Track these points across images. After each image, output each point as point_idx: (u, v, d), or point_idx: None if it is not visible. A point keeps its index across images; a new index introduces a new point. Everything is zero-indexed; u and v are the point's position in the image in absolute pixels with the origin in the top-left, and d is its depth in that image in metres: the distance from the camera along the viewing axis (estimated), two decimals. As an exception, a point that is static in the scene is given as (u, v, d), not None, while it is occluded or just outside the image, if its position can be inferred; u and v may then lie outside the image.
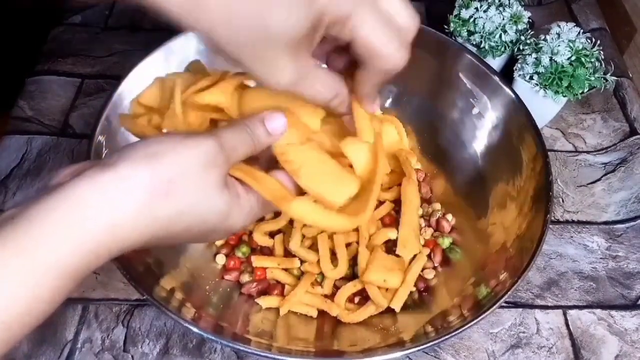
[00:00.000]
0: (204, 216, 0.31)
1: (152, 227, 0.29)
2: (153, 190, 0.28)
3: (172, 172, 0.29)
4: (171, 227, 0.30)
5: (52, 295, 0.26)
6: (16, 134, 0.65)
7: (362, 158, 0.39)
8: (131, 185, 0.28)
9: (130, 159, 0.28)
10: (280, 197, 0.35)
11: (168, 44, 0.55)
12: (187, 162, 0.29)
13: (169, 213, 0.29)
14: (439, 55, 0.59)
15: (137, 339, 0.51)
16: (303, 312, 0.50)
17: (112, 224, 0.27)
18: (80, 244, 0.26)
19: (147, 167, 0.28)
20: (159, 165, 0.29)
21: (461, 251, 0.55)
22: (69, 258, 0.26)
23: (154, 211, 0.28)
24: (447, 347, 0.52)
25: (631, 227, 0.61)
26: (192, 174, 0.29)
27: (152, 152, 0.29)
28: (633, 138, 0.69)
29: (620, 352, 0.52)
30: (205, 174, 0.30)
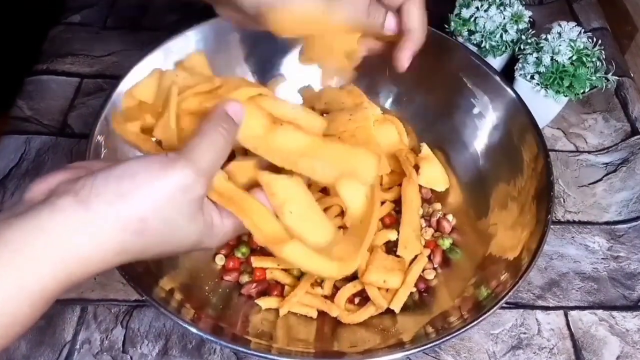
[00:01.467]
0: (174, 245, 0.31)
1: (121, 257, 0.30)
2: (124, 229, 0.28)
3: (143, 210, 0.29)
4: (141, 256, 0.31)
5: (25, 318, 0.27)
6: (15, 133, 0.65)
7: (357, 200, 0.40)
8: (103, 224, 0.28)
9: (100, 197, 0.28)
10: (273, 241, 0.34)
11: (167, 44, 0.54)
12: (158, 200, 0.29)
13: (139, 248, 0.30)
14: (440, 54, 0.59)
15: (136, 340, 0.50)
16: (303, 312, 0.50)
17: (82, 257, 0.28)
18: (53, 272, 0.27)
19: (118, 207, 0.28)
20: (130, 205, 0.29)
21: (461, 252, 0.54)
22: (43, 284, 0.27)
23: (125, 246, 0.29)
24: (447, 348, 0.52)
25: (633, 228, 0.61)
26: (164, 210, 0.29)
27: (124, 190, 0.29)
28: (634, 138, 0.69)
29: (622, 353, 0.52)
30: (177, 208, 0.30)
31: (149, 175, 0.29)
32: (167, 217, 0.30)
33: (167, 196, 0.29)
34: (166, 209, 0.30)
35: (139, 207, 0.29)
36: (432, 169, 0.57)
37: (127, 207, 0.29)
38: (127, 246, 0.29)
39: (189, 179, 0.30)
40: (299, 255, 0.35)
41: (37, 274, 0.26)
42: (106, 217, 0.28)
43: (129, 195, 0.29)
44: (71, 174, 0.31)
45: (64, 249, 0.27)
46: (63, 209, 0.28)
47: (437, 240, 0.55)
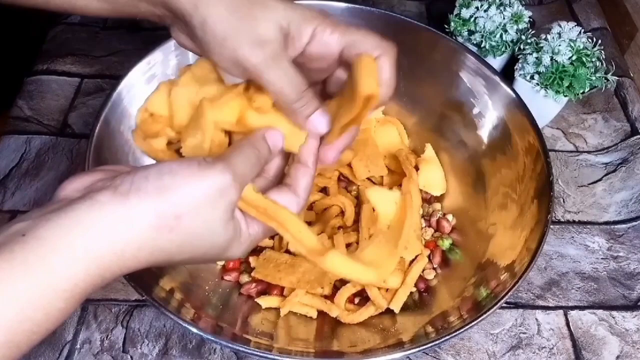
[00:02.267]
0: (205, 249, 0.31)
1: (154, 256, 0.29)
2: (159, 226, 0.28)
3: (181, 208, 0.29)
4: (172, 257, 0.30)
5: (58, 316, 0.26)
6: (15, 133, 0.65)
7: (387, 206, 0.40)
8: (140, 219, 0.28)
9: (141, 191, 0.28)
10: (314, 251, 0.35)
11: (167, 44, 0.54)
12: (197, 199, 0.29)
13: (172, 246, 0.29)
14: (440, 54, 0.59)
15: (136, 340, 0.50)
16: (303, 312, 0.50)
17: (117, 252, 0.28)
18: (87, 269, 0.27)
19: (156, 202, 0.28)
20: (168, 200, 0.29)
21: (461, 252, 0.55)
22: (76, 282, 0.26)
23: (158, 243, 0.29)
24: (447, 347, 0.52)
25: (632, 228, 0.61)
26: (201, 210, 0.29)
27: (163, 185, 0.29)
28: (634, 138, 0.69)
29: (622, 353, 0.52)
30: (214, 210, 0.30)
31: (189, 174, 0.29)
32: (202, 218, 0.30)
33: (205, 197, 0.30)
34: (203, 210, 0.30)
35: (177, 203, 0.29)
36: (431, 172, 0.57)
37: (165, 202, 0.29)
38: (160, 244, 0.29)
39: (227, 181, 0.30)
40: (340, 264, 0.36)
41: (71, 269, 0.26)
42: (144, 212, 0.28)
43: (169, 191, 0.29)
44: (106, 174, 0.31)
45: (100, 244, 0.27)
46: (102, 202, 0.28)
47: (437, 240, 0.55)
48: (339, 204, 0.55)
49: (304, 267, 0.49)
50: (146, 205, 0.28)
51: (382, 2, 0.82)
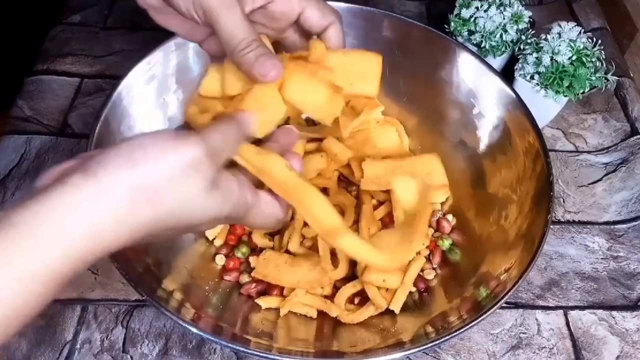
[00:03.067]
0: (189, 217, 0.31)
1: (135, 231, 0.29)
2: (134, 199, 0.28)
3: (154, 180, 0.29)
4: (155, 230, 0.30)
5: (38, 301, 0.26)
6: (15, 133, 0.65)
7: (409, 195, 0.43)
8: (113, 195, 0.28)
9: (111, 167, 0.28)
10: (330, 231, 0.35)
11: (167, 44, 0.54)
12: (170, 170, 0.29)
13: (152, 219, 0.29)
14: (440, 55, 0.59)
15: (136, 340, 0.50)
16: (303, 312, 0.50)
17: (95, 232, 0.27)
18: (65, 252, 0.26)
19: (129, 177, 0.28)
20: (141, 174, 0.28)
21: (461, 252, 0.54)
22: (54, 266, 0.26)
23: (137, 218, 0.28)
24: (447, 347, 0.52)
25: (632, 228, 0.61)
26: (177, 181, 0.29)
27: (134, 159, 0.28)
28: (634, 138, 0.69)
29: (622, 353, 0.52)
30: (189, 180, 0.30)
31: (161, 147, 0.29)
32: (180, 189, 0.29)
33: (179, 168, 0.29)
34: (178, 181, 0.29)
35: (150, 175, 0.28)
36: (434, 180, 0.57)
37: (138, 175, 0.28)
38: (141, 219, 0.28)
39: (198, 154, 0.30)
40: (354, 246, 0.36)
41: (48, 254, 0.26)
42: (116, 187, 0.28)
43: (140, 163, 0.28)
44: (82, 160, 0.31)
45: (75, 226, 0.27)
46: (73, 185, 0.27)
47: (437, 240, 0.55)
48: (339, 204, 0.55)
49: (304, 266, 0.49)
50: (118, 181, 0.28)
51: (382, 2, 0.82)
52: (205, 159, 0.30)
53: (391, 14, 0.60)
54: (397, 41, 0.59)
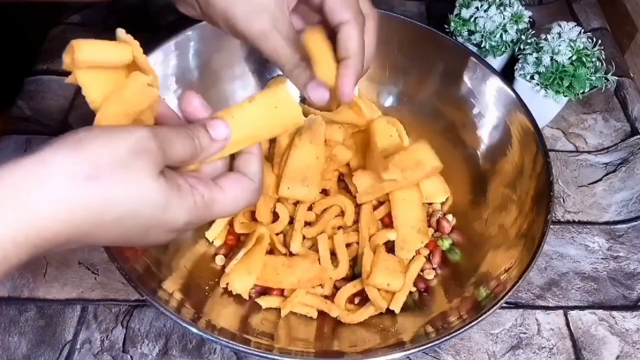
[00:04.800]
0: (135, 206, 0.29)
1: (75, 215, 0.27)
2: (74, 174, 0.26)
3: (97, 156, 0.27)
4: (99, 218, 0.28)
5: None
6: (15, 133, 0.64)
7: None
8: (51, 169, 0.26)
9: (55, 144, 0.27)
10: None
11: (167, 44, 0.54)
12: (115, 148, 0.28)
13: (94, 200, 0.27)
14: (440, 54, 0.59)
15: (136, 340, 0.50)
16: (303, 312, 0.50)
17: (30, 209, 0.26)
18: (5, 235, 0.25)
19: (70, 151, 0.27)
20: (83, 149, 0.27)
21: (461, 252, 0.54)
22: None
23: (76, 197, 0.27)
24: (447, 347, 0.52)
25: (632, 228, 0.61)
26: (120, 159, 0.28)
27: (78, 138, 0.28)
28: (634, 138, 0.69)
29: (622, 353, 0.52)
30: (134, 159, 0.28)
31: (104, 130, 0.29)
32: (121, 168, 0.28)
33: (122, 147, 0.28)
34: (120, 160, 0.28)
35: (94, 152, 0.27)
36: (429, 183, 0.57)
37: (81, 152, 0.27)
38: (83, 199, 0.27)
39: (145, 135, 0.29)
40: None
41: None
42: (58, 162, 0.26)
43: (84, 141, 0.27)
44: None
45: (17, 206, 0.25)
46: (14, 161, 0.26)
47: (437, 240, 0.55)
48: (339, 204, 0.55)
49: (302, 265, 0.49)
50: (58, 155, 0.27)
51: (382, 2, 0.82)
52: (153, 143, 0.29)
53: (391, 14, 0.60)
54: (397, 41, 0.59)
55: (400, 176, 0.52)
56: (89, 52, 0.32)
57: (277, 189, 0.53)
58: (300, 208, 0.53)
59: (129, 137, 0.28)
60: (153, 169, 0.29)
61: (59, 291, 0.53)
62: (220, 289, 0.50)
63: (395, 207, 0.54)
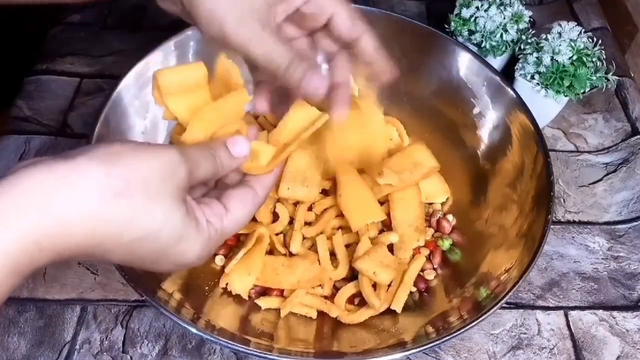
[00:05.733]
0: (155, 230, 0.29)
1: (99, 230, 0.27)
2: (106, 188, 0.27)
3: (129, 173, 0.28)
4: (120, 236, 0.28)
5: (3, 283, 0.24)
6: (14, 133, 0.64)
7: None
8: (84, 179, 0.26)
9: (89, 154, 0.27)
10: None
11: (167, 44, 0.54)
12: (146, 167, 0.28)
13: (119, 217, 0.27)
14: (440, 54, 0.59)
15: (136, 340, 0.50)
16: (303, 313, 0.50)
17: (58, 216, 0.25)
18: (22, 234, 0.25)
19: (104, 164, 0.27)
20: (117, 164, 0.27)
21: (461, 252, 0.54)
22: (9, 247, 0.24)
23: (104, 210, 0.27)
24: (447, 348, 0.52)
25: (633, 228, 0.61)
26: (150, 179, 0.28)
27: (113, 151, 0.28)
28: (635, 138, 0.69)
29: (622, 354, 0.52)
30: (163, 183, 0.29)
31: (138, 147, 0.29)
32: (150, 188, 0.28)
33: (154, 167, 0.28)
34: (150, 180, 0.28)
35: (124, 168, 0.27)
36: (429, 183, 0.57)
37: (112, 165, 0.27)
38: (106, 212, 0.27)
39: (177, 158, 0.30)
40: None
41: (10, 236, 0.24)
42: (88, 171, 0.26)
43: (116, 156, 0.28)
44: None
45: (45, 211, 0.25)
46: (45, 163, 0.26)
47: (437, 240, 0.55)
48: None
49: (302, 266, 0.49)
50: (94, 167, 0.27)
51: (382, 2, 0.82)
52: (182, 168, 0.30)
53: (391, 13, 0.60)
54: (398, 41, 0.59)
55: (396, 180, 0.52)
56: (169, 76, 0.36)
57: (277, 189, 0.53)
58: (300, 208, 0.53)
59: (160, 157, 0.29)
60: (179, 195, 0.30)
61: (59, 291, 0.53)
62: (220, 289, 0.50)
63: (394, 208, 0.54)
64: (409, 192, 0.54)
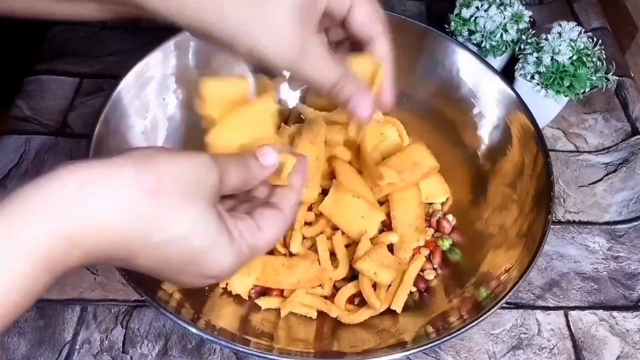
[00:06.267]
0: (185, 232, 0.28)
1: (130, 227, 0.27)
2: (137, 185, 0.27)
3: (163, 172, 0.28)
4: (149, 236, 0.27)
5: (25, 284, 0.24)
6: (14, 133, 0.64)
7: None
8: (116, 175, 0.26)
9: (125, 153, 0.28)
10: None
11: (167, 44, 0.54)
12: (179, 168, 0.28)
13: (149, 215, 0.27)
14: (440, 54, 0.59)
15: (136, 340, 0.50)
16: (303, 313, 0.50)
17: (89, 212, 0.25)
18: (55, 228, 0.25)
19: (137, 163, 0.27)
20: (151, 163, 0.28)
21: (461, 252, 0.54)
22: (43, 240, 0.24)
23: (136, 208, 0.27)
24: (447, 348, 0.52)
25: (633, 228, 0.61)
26: (182, 180, 0.28)
27: (148, 153, 0.28)
28: (635, 138, 0.69)
29: (622, 354, 0.52)
30: (196, 185, 0.29)
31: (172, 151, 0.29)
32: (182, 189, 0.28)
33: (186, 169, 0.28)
34: (183, 181, 0.28)
35: (158, 167, 0.27)
36: (429, 183, 0.57)
37: (145, 164, 0.27)
38: (138, 210, 0.26)
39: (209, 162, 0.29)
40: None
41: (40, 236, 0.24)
42: (121, 169, 0.26)
43: (151, 157, 0.28)
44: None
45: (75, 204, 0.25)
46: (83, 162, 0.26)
47: (437, 240, 0.55)
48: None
49: (302, 266, 0.49)
50: (129, 165, 0.27)
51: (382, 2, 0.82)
52: (214, 173, 0.30)
53: (391, 13, 0.59)
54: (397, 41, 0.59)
55: (397, 178, 0.52)
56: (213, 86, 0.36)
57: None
58: (300, 208, 0.53)
59: (192, 162, 0.29)
60: (211, 199, 0.29)
61: (59, 291, 0.53)
62: (220, 289, 0.50)
63: (394, 208, 0.54)
64: (409, 192, 0.55)
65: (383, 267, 0.49)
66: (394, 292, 0.50)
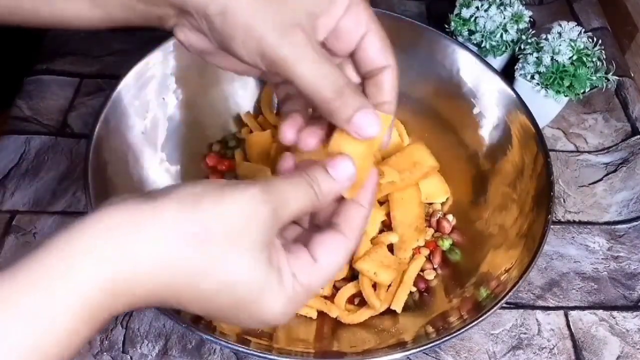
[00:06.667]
0: (231, 280, 0.26)
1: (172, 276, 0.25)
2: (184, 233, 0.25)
3: (208, 216, 0.25)
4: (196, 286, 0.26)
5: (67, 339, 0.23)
6: (14, 133, 0.64)
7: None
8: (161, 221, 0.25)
9: (171, 194, 0.26)
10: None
11: (167, 44, 0.54)
12: (225, 209, 0.26)
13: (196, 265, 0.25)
14: (440, 54, 0.59)
15: (136, 340, 0.50)
16: (303, 313, 0.50)
17: (132, 259, 0.24)
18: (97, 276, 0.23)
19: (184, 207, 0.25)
20: (198, 207, 0.25)
21: (461, 252, 0.54)
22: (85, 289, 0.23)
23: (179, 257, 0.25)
24: (447, 348, 0.52)
25: (633, 228, 0.61)
26: (229, 223, 0.26)
27: (195, 192, 0.26)
28: (635, 138, 0.69)
29: (622, 354, 0.52)
30: (244, 227, 0.26)
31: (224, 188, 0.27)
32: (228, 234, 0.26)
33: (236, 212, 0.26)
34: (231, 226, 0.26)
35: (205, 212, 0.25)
36: (429, 183, 0.57)
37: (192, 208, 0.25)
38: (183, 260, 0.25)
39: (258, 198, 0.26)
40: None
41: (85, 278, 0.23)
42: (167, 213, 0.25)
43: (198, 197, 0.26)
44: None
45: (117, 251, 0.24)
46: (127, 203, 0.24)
47: (437, 240, 0.55)
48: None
49: None
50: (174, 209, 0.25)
51: (382, 2, 0.82)
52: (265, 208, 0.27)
53: (391, 13, 0.60)
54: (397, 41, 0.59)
55: (398, 177, 0.52)
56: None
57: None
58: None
59: (240, 198, 0.26)
60: (261, 239, 0.27)
61: (59, 291, 0.53)
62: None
63: (394, 208, 0.54)
64: (408, 192, 0.55)
65: (383, 267, 0.49)
66: (394, 292, 0.50)
